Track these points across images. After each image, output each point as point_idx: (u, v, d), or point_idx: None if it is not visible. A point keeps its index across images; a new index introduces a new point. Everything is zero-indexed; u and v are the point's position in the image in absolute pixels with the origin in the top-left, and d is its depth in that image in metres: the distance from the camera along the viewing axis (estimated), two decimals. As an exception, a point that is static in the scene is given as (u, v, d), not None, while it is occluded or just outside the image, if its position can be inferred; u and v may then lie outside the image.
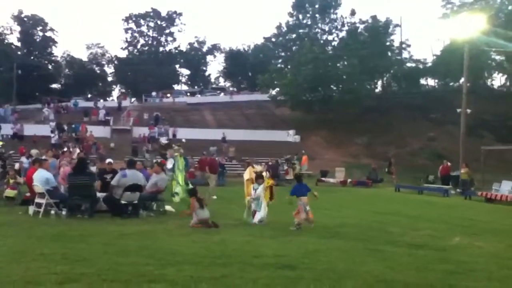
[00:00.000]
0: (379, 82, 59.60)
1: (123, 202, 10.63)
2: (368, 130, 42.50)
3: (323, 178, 27.78)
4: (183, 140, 27.16)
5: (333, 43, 57.12)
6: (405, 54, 58.92)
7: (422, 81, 60.43)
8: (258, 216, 9.91)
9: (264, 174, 10.63)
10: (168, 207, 11.91)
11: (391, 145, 40.07)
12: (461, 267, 6.38)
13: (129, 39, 76.45)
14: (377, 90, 57.92)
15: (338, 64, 46.26)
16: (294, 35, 59.57)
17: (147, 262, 5.85)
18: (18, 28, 67.50)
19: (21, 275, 5.04)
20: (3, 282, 4.77)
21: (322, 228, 9.34)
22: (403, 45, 58.57)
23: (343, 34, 56.74)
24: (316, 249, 7.26)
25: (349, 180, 27.09)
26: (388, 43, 53.65)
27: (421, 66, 56.74)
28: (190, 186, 13.72)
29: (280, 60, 61.62)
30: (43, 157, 13.90)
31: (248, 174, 11.09)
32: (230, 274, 5.36)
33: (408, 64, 57.59)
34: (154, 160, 18.70)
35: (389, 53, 54.16)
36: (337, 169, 29.21)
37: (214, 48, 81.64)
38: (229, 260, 6.15)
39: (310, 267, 5.92)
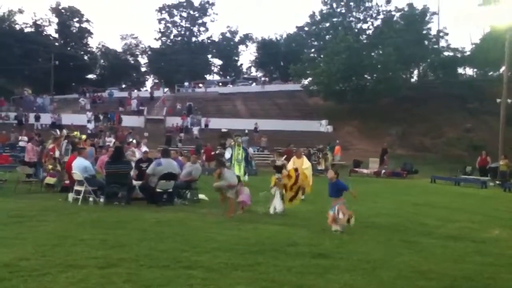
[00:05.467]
0: (415, 72, 58.25)
1: (158, 190, 10.84)
2: (403, 120, 41.69)
3: (356, 169, 27.51)
4: (246, 131, 26.68)
5: (367, 32, 55.97)
6: (442, 43, 57.12)
7: (460, 71, 58.54)
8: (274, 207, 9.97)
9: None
10: (201, 196, 12.06)
11: (426, 136, 39.24)
12: (500, 259, 6.25)
13: (162, 30, 77.19)
14: (413, 80, 56.59)
15: (372, 53, 45.32)
16: (327, 24, 58.65)
17: (183, 249, 5.98)
18: (56, 20, 69.11)
19: (63, 258, 5.25)
20: (48, 265, 4.97)
21: (357, 219, 9.25)
22: (441, 34, 56.88)
23: (378, 22, 55.59)
24: (351, 239, 7.23)
25: (383, 171, 26.71)
26: (424, 32, 52.15)
27: (459, 55, 54.88)
28: (247, 177, 13.58)
29: (313, 50, 60.86)
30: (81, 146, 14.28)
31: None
32: (264, 262, 5.42)
33: (446, 53, 55.75)
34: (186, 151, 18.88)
35: (426, 42, 52.64)
36: (370, 160, 28.83)
37: (246, 38, 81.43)
38: (263, 248, 6.21)
39: (344, 256, 5.92)
